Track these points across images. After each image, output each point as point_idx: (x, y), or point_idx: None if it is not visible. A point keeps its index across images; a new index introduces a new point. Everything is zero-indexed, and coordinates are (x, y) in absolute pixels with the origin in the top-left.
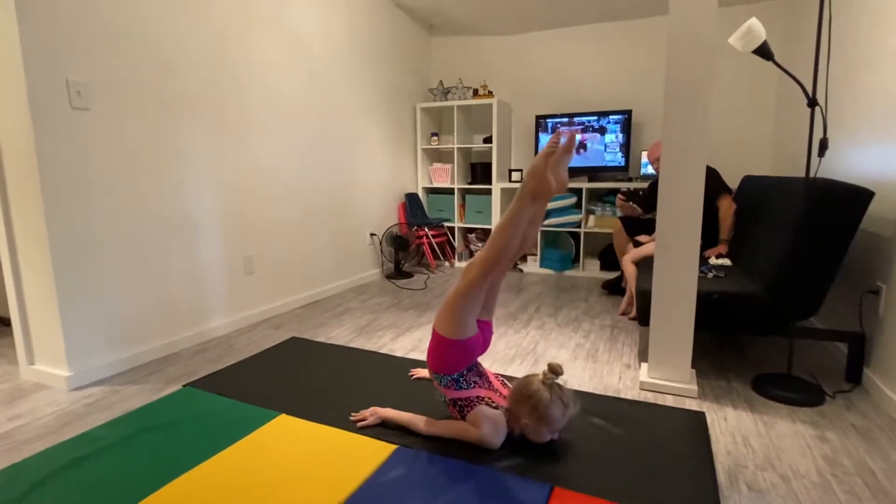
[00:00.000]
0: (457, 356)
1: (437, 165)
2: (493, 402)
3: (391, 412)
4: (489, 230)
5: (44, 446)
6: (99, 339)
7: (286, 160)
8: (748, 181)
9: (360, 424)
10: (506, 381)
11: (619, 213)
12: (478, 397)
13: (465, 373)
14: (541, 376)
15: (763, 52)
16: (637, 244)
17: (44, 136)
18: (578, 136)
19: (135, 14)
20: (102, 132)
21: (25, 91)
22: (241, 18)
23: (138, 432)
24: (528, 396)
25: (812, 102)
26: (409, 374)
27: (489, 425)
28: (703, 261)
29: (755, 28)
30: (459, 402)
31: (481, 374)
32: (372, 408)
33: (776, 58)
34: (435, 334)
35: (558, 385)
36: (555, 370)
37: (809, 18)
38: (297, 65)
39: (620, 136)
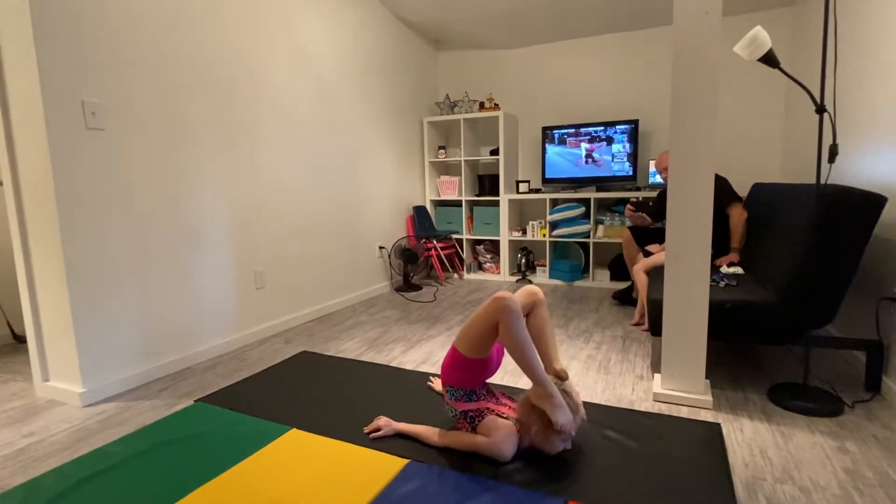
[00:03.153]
0: (473, 373)
1: (444, 178)
2: (503, 413)
3: (403, 425)
4: (497, 241)
5: (58, 463)
6: (112, 355)
7: (295, 176)
8: (758, 189)
9: (373, 436)
10: (512, 398)
11: (628, 223)
12: (488, 409)
13: (477, 387)
14: None
15: (769, 59)
16: (647, 254)
17: (59, 156)
18: (586, 146)
19: (148, 35)
20: (116, 152)
21: (42, 112)
22: (250, 37)
23: (151, 448)
24: (535, 403)
25: (820, 109)
26: (429, 381)
27: (500, 435)
28: (715, 269)
29: (760, 36)
30: (470, 414)
31: (490, 390)
32: (384, 418)
33: (783, 65)
34: (454, 350)
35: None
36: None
37: (815, 25)
38: (305, 82)
39: (628, 145)
